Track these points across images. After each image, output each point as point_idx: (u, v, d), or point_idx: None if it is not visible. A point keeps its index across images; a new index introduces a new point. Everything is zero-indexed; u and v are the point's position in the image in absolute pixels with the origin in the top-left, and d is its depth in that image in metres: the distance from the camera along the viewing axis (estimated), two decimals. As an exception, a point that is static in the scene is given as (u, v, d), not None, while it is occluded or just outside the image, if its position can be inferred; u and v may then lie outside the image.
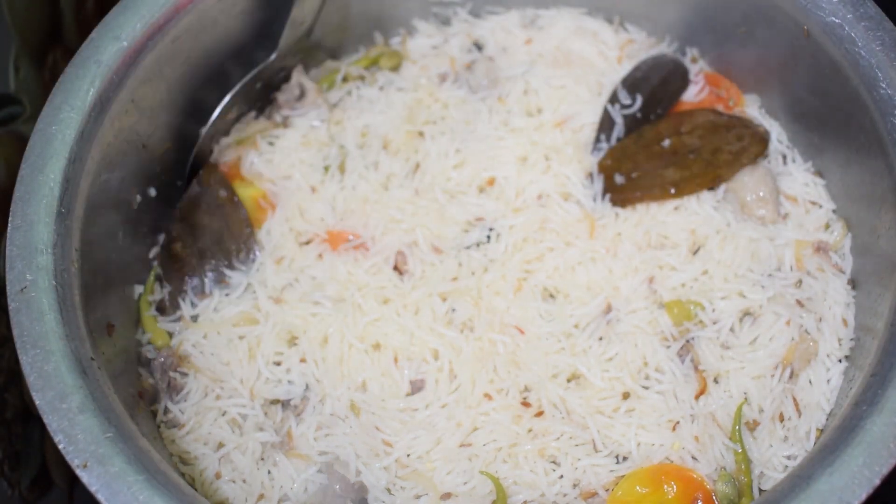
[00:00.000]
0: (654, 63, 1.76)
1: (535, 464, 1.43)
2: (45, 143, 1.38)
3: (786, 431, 1.46)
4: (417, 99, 1.77)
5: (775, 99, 1.72)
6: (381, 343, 1.54)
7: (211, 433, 1.50)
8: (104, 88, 1.45)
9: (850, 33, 1.45)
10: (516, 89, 1.76)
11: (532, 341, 1.53)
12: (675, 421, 1.45)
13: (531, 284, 1.57)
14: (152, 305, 1.62)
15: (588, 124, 1.72)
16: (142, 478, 1.16)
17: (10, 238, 1.31)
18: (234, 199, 1.67)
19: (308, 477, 1.45)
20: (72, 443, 1.17)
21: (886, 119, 1.40)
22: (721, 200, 1.64)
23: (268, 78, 1.77)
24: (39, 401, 1.19)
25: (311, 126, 1.76)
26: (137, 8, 1.50)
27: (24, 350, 1.23)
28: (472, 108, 1.76)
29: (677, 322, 1.52)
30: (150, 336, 1.59)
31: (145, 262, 1.65)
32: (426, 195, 1.67)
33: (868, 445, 1.17)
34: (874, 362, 1.29)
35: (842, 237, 1.60)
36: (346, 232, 1.65)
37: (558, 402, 1.47)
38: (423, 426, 1.47)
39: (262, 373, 1.53)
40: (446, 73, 1.81)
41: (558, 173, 1.67)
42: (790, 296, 1.54)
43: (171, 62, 1.57)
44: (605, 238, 1.60)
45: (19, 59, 1.93)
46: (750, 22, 1.64)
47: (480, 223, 1.64)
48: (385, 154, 1.72)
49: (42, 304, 1.26)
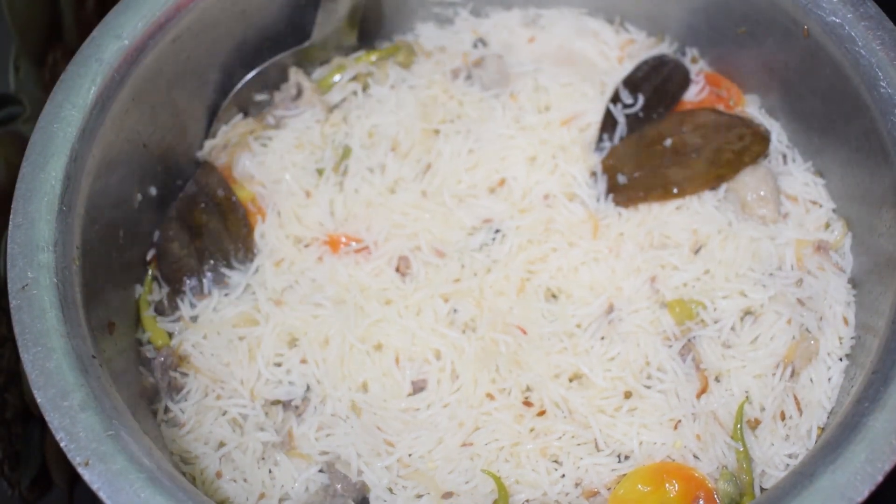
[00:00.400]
0: (655, 63, 1.76)
1: (537, 463, 1.43)
2: (47, 142, 1.38)
3: (787, 430, 1.46)
4: (432, 96, 1.75)
5: (775, 99, 1.72)
6: (383, 344, 1.53)
7: (211, 432, 1.49)
8: (105, 87, 1.44)
9: (850, 33, 1.45)
10: (527, 86, 1.76)
11: (534, 341, 1.52)
12: (677, 420, 1.45)
13: (534, 285, 1.57)
14: (151, 305, 1.62)
15: (593, 123, 1.72)
16: (143, 475, 1.16)
17: (12, 236, 1.31)
18: (232, 199, 1.67)
19: (309, 476, 1.44)
20: (73, 440, 1.17)
21: (886, 119, 1.40)
22: (722, 200, 1.64)
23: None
24: (41, 399, 1.19)
25: (307, 127, 1.75)
26: (139, 7, 1.50)
27: (26, 348, 1.23)
28: (487, 105, 1.74)
29: (679, 321, 1.52)
30: (149, 335, 1.58)
31: (146, 261, 1.64)
32: (434, 198, 1.65)
33: (870, 442, 1.17)
34: (875, 360, 1.29)
35: (842, 236, 1.60)
36: (347, 236, 1.64)
37: (560, 402, 1.47)
38: (424, 426, 1.47)
39: (262, 373, 1.52)
40: (459, 68, 1.79)
41: (565, 173, 1.66)
42: (791, 295, 1.54)
43: (172, 61, 1.57)
44: (608, 238, 1.60)
45: (19, 59, 1.92)
46: (750, 22, 1.64)
47: (487, 225, 1.64)
48: (393, 156, 1.70)
49: (43, 302, 1.26)
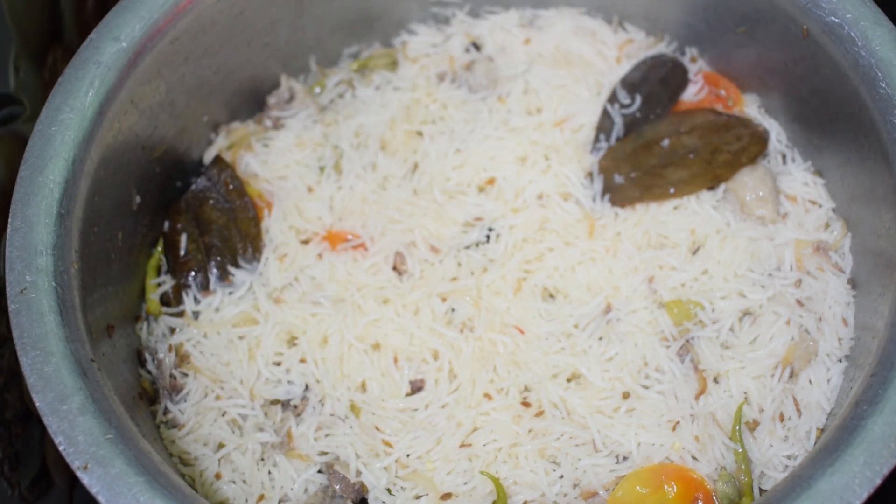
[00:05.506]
0: (654, 63, 1.76)
1: (536, 464, 1.43)
2: (45, 145, 1.38)
3: (786, 431, 1.46)
4: (415, 98, 1.77)
5: (775, 98, 1.72)
6: (381, 343, 1.54)
7: (211, 434, 1.50)
8: (103, 89, 1.44)
9: (849, 33, 1.45)
10: (516, 89, 1.76)
11: (532, 341, 1.53)
12: (676, 421, 1.45)
13: (531, 284, 1.57)
14: (158, 288, 1.63)
15: (588, 124, 1.72)
16: (142, 479, 1.16)
17: (10, 240, 1.30)
18: (244, 198, 1.67)
19: (308, 477, 1.45)
20: (72, 444, 1.17)
21: (886, 119, 1.40)
22: (721, 200, 1.64)
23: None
24: (40, 402, 1.19)
25: (305, 127, 1.76)
26: (137, 9, 1.50)
27: (25, 352, 1.23)
28: (472, 107, 1.76)
29: (677, 322, 1.52)
30: (147, 306, 1.61)
31: (145, 264, 1.65)
32: (425, 195, 1.67)
33: (869, 445, 1.17)
34: (874, 362, 1.29)
35: (841, 237, 1.60)
36: (344, 232, 1.65)
37: (558, 402, 1.47)
38: (423, 426, 1.47)
39: (261, 373, 1.53)
40: (445, 72, 1.81)
41: (558, 173, 1.67)
42: (790, 295, 1.54)
43: (170, 63, 1.57)
44: (605, 238, 1.60)
45: (19, 59, 1.93)
46: (749, 22, 1.63)
47: (479, 223, 1.65)
48: (383, 154, 1.72)
49: (42, 306, 1.26)
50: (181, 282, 1.62)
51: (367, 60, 1.85)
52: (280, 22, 1.73)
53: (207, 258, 1.63)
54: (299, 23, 1.76)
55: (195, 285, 1.61)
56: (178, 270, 1.63)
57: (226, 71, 1.71)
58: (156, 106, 1.58)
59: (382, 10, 1.84)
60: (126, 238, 1.56)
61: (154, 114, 1.58)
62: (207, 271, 1.62)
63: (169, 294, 1.62)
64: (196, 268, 1.62)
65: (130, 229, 1.57)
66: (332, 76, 1.84)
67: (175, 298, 1.61)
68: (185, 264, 1.63)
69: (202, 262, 1.63)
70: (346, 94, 1.81)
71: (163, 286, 1.63)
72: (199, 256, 1.63)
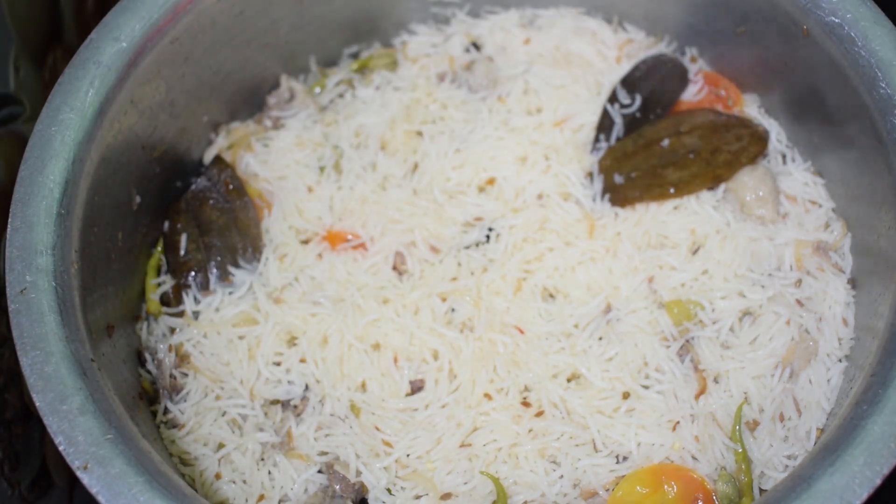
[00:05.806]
0: (654, 63, 1.76)
1: (536, 464, 1.43)
2: (45, 145, 1.38)
3: (786, 431, 1.46)
4: (415, 99, 1.77)
5: (775, 98, 1.72)
6: (381, 343, 1.54)
7: (211, 434, 1.50)
8: (103, 89, 1.44)
9: (849, 33, 1.45)
10: (516, 89, 1.77)
11: (532, 341, 1.53)
12: (676, 421, 1.45)
13: (531, 284, 1.57)
14: (158, 288, 1.63)
15: (588, 124, 1.72)
16: (142, 479, 1.16)
17: (10, 240, 1.31)
18: (245, 198, 1.67)
19: (308, 477, 1.45)
20: (72, 444, 1.17)
21: (886, 119, 1.40)
22: (721, 200, 1.64)
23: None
24: (40, 402, 1.19)
25: (305, 127, 1.77)
26: (137, 9, 1.50)
27: (25, 352, 1.23)
28: (472, 107, 1.76)
29: (677, 322, 1.52)
30: (147, 306, 1.62)
31: (145, 264, 1.65)
32: (425, 195, 1.67)
33: (869, 445, 1.17)
34: (874, 362, 1.29)
35: (841, 237, 1.60)
36: (344, 232, 1.65)
37: (558, 402, 1.48)
38: (423, 426, 1.47)
39: (261, 373, 1.53)
40: (445, 72, 1.81)
41: (558, 173, 1.67)
42: (790, 295, 1.54)
43: (170, 63, 1.57)
44: (605, 238, 1.61)
45: (19, 59, 1.93)
46: (749, 21, 1.63)
47: (479, 223, 1.65)
48: (382, 154, 1.72)
49: (42, 306, 1.26)
50: (181, 282, 1.62)
51: (367, 60, 1.86)
52: (280, 22, 1.73)
53: (207, 258, 1.63)
54: (299, 23, 1.77)
55: (195, 285, 1.62)
56: (178, 270, 1.63)
57: (226, 71, 1.71)
58: (156, 106, 1.58)
59: (382, 10, 1.84)
60: (126, 238, 1.56)
61: (154, 114, 1.58)
62: (207, 271, 1.62)
63: (169, 294, 1.62)
64: (196, 268, 1.63)
65: (130, 229, 1.57)
66: (332, 76, 1.84)
67: (175, 298, 1.62)
68: (185, 264, 1.63)
69: (202, 262, 1.63)
70: (346, 94, 1.82)
71: (163, 286, 1.64)
72: (199, 256, 1.64)
